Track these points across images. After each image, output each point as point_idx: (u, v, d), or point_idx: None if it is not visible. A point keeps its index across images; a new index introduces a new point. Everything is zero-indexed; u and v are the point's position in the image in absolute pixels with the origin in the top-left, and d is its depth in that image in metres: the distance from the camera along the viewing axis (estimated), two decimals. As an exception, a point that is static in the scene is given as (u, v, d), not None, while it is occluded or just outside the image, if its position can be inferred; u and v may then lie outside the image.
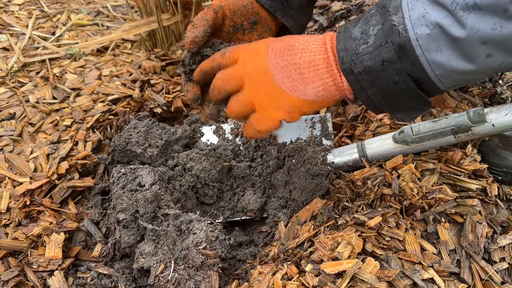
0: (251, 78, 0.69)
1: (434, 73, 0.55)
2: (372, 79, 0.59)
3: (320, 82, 0.66)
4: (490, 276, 0.72)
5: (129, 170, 0.91)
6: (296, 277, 0.71)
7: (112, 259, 0.87)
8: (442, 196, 0.79)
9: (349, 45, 0.60)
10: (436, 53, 0.53)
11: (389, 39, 0.56)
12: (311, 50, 0.65)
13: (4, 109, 1.18)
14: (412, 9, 0.54)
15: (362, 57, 0.59)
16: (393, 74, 0.57)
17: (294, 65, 0.66)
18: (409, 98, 0.59)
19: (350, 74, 0.61)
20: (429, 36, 0.53)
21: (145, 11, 1.49)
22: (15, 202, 0.90)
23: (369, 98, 0.62)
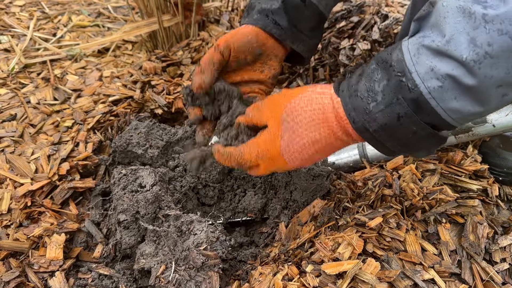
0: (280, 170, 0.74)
1: (451, 118, 0.55)
2: (389, 134, 0.59)
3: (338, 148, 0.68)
4: (491, 276, 0.72)
5: (130, 171, 0.91)
6: (297, 277, 0.71)
7: (113, 260, 0.87)
8: (443, 196, 0.79)
9: (357, 104, 0.60)
10: (451, 101, 0.53)
11: (399, 95, 0.56)
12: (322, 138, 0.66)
13: (5, 110, 1.18)
14: (417, 63, 0.54)
15: (374, 115, 0.58)
16: (410, 126, 0.57)
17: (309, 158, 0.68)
18: (427, 141, 0.59)
19: (365, 132, 0.61)
20: (442, 88, 0.52)
21: (146, 12, 1.50)
22: (16, 203, 0.90)
23: (387, 149, 0.62)
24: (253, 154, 0.71)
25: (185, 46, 1.48)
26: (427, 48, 0.53)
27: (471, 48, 0.49)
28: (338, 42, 1.38)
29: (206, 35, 1.48)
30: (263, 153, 0.70)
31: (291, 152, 0.68)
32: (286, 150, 0.68)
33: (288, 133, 0.68)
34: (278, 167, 0.71)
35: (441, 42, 0.51)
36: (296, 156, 0.68)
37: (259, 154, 0.71)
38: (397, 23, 1.38)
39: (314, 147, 0.66)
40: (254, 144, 0.72)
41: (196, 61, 1.40)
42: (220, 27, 1.54)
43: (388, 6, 1.53)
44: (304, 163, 0.69)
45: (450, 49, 0.50)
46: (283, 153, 0.68)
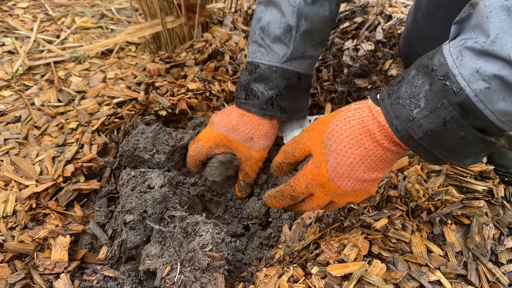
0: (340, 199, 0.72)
1: (500, 121, 0.53)
2: (436, 141, 0.57)
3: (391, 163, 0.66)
4: (498, 278, 0.72)
5: (138, 173, 0.92)
6: (302, 279, 0.71)
7: (118, 261, 0.88)
8: (448, 197, 0.79)
9: (400, 112, 0.58)
10: (500, 102, 0.51)
11: (444, 99, 0.54)
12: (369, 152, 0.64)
13: (10, 112, 1.18)
14: (461, 65, 0.52)
15: (419, 122, 0.57)
16: (458, 131, 0.55)
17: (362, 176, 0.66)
18: (475, 146, 0.57)
19: (410, 141, 0.59)
20: (489, 90, 0.51)
21: (149, 14, 1.50)
22: (21, 205, 0.91)
23: (435, 157, 0.60)
24: (302, 185, 0.71)
25: (189, 48, 1.48)
26: (470, 49, 0.52)
27: None
28: (341, 43, 1.38)
29: (210, 37, 1.48)
30: (312, 181, 0.70)
31: (340, 175, 0.66)
32: (334, 173, 0.66)
33: (333, 156, 0.66)
34: (335, 194, 0.70)
35: (486, 43, 0.50)
36: (347, 177, 0.66)
37: (308, 183, 0.70)
38: (400, 23, 1.38)
39: (364, 163, 0.64)
40: (301, 174, 0.72)
41: (200, 62, 1.40)
42: (223, 29, 1.54)
43: (391, 6, 1.53)
44: (359, 184, 0.67)
45: (496, 48, 0.49)
46: (332, 178, 0.67)
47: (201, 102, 1.26)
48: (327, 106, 1.24)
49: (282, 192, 0.75)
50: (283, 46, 0.88)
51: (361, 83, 1.23)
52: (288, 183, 0.74)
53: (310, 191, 0.71)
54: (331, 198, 0.71)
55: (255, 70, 0.91)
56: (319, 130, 0.69)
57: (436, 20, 0.97)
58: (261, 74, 0.90)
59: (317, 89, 1.29)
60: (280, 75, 0.89)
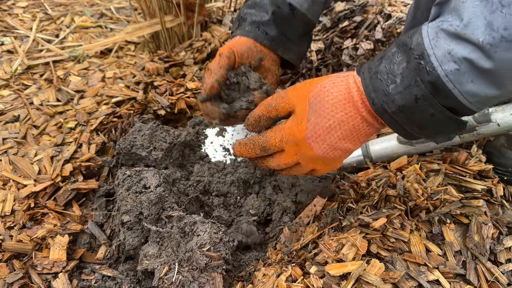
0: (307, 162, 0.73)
1: (468, 101, 0.55)
2: (407, 116, 0.60)
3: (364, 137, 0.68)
4: (496, 277, 0.72)
5: (134, 172, 0.91)
6: (300, 279, 0.71)
7: (116, 261, 0.87)
8: (447, 197, 0.79)
9: (377, 86, 0.61)
10: (468, 84, 0.53)
11: (417, 77, 0.56)
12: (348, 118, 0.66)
13: (8, 111, 1.18)
14: (435, 46, 0.54)
15: (393, 96, 0.59)
16: (428, 108, 0.57)
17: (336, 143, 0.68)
18: (447, 124, 0.60)
19: (384, 114, 0.61)
20: (458, 71, 0.53)
21: (148, 13, 1.50)
22: (20, 204, 0.91)
23: (407, 132, 0.63)
24: (277, 138, 0.71)
25: (188, 47, 1.48)
26: (445, 32, 0.54)
27: (487, 32, 0.49)
28: (341, 42, 1.37)
29: (209, 36, 1.48)
30: (288, 136, 0.70)
31: (317, 135, 0.67)
32: (311, 133, 0.67)
33: (314, 116, 0.67)
34: (304, 155, 0.70)
35: (459, 26, 0.52)
36: (322, 139, 0.67)
37: (283, 137, 0.71)
38: (400, 22, 1.38)
39: (341, 129, 0.66)
40: (279, 128, 0.72)
41: (199, 61, 1.40)
42: (222, 28, 1.54)
43: (391, 5, 1.53)
44: (331, 150, 0.68)
45: (468, 33, 0.51)
46: (308, 137, 0.68)
47: (200, 102, 1.26)
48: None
49: (254, 141, 0.75)
50: None
51: (360, 82, 1.22)
52: (263, 134, 0.74)
53: (283, 146, 0.72)
54: (299, 159, 0.72)
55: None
56: (306, 89, 0.70)
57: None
58: (254, 1, 0.89)
59: (316, 88, 1.29)
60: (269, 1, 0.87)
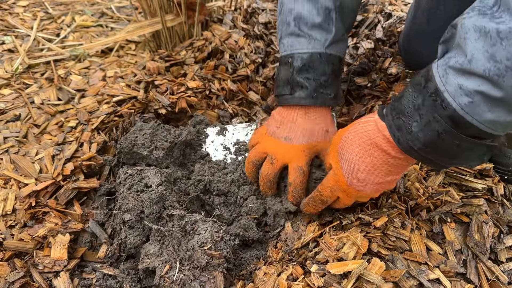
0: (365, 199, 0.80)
1: (491, 128, 0.56)
2: (434, 150, 0.62)
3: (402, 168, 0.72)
4: (497, 276, 0.72)
5: (135, 171, 0.92)
6: (301, 277, 0.71)
7: (118, 260, 0.88)
8: (448, 198, 0.79)
9: (400, 125, 0.64)
10: (486, 113, 0.54)
11: (435, 113, 0.59)
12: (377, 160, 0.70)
13: (9, 110, 1.18)
14: (446, 83, 0.56)
15: (417, 134, 0.62)
16: (452, 140, 0.59)
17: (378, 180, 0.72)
18: (475, 150, 0.61)
19: (411, 151, 0.64)
20: (473, 104, 0.54)
21: (149, 12, 1.49)
22: (21, 203, 0.91)
23: (438, 164, 0.65)
24: (327, 189, 0.78)
25: (189, 46, 1.48)
26: (453, 68, 0.56)
27: (492, 64, 0.51)
28: (341, 41, 1.37)
29: (210, 35, 1.48)
30: (334, 186, 0.77)
31: (357, 180, 0.73)
32: (351, 179, 0.74)
33: (346, 164, 0.74)
34: (356, 195, 0.76)
35: (464, 62, 0.54)
36: (363, 182, 0.73)
37: (331, 188, 0.78)
38: (400, 21, 1.38)
39: (377, 170, 0.71)
40: (326, 180, 0.79)
41: (200, 61, 1.40)
42: (223, 27, 1.54)
43: (391, 4, 1.53)
44: (378, 186, 0.73)
45: (473, 67, 0.53)
46: (350, 183, 0.74)
47: (200, 101, 1.26)
48: (327, 104, 1.24)
49: (313, 198, 0.82)
50: (322, 31, 0.86)
51: (360, 81, 1.22)
52: (316, 189, 0.81)
53: (336, 194, 0.78)
54: (355, 199, 0.78)
55: (296, 62, 0.87)
56: (335, 143, 0.77)
57: (436, 18, 0.97)
58: (305, 64, 0.86)
59: (317, 87, 1.28)
60: (325, 61, 0.86)
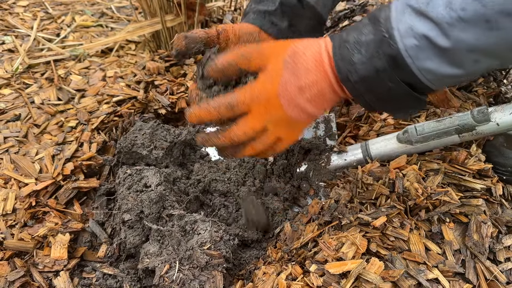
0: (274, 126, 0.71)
1: (425, 78, 0.57)
2: (368, 87, 0.62)
3: (328, 103, 0.69)
4: (495, 276, 0.72)
5: (135, 171, 0.92)
6: (300, 277, 0.71)
7: (117, 259, 0.88)
8: (447, 198, 0.79)
9: (345, 55, 0.63)
10: (425, 61, 0.55)
11: (380, 50, 0.58)
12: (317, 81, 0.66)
13: (10, 110, 1.19)
14: (400, 21, 0.56)
15: (357, 66, 0.61)
16: (387, 82, 0.59)
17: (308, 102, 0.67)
18: (404, 100, 0.62)
19: (347, 82, 0.63)
20: (417, 47, 0.55)
21: (149, 12, 1.50)
22: (21, 203, 0.91)
23: (367, 102, 0.65)
24: (247, 94, 0.69)
25: (188, 46, 1.48)
26: (411, 7, 0.56)
27: (447, 12, 0.51)
28: (341, 41, 1.37)
29: (209, 35, 1.48)
30: (259, 92, 0.68)
31: (288, 93, 0.66)
32: (283, 90, 0.67)
33: (288, 74, 0.67)
34: (272, 114, 0.69)
35: (423, 3, 0.54)
36: (291, 99, 0.67)
37: (254, 93, 0.69)
38: (400, 22, 1.38)
39: (310, 91, 0.66)
40: (249, 85, 0.70)
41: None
42: (223, 27, 1.54)
43: (391, 5, 1.52)
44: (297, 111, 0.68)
45: (429, 10, 0.53)
46: (280, 93, 0.67)
47: (200, 101, 1.26)
48: (326, 104, 1.24)
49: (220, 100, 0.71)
50: None
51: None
52: (228, 93, 0.71)
53: (250, 105, 0.69)
54: (266, 122, 0.70)
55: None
56: (283, 46, 0.69)
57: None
58: None
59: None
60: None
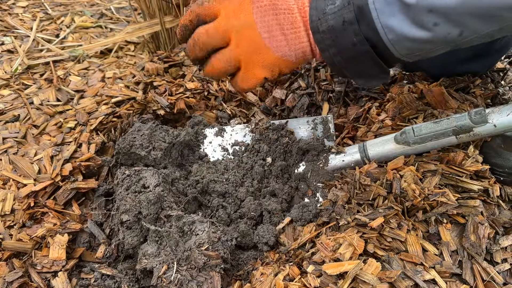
0: (239, 34, 0.69)
1: (387, 37, 0.57)
2: (333, 38, 0.62)
3: (300, 45, 0.68)
4: (492, 277, 0.72)
5: (133, 171, 0.92)
6: (298, 278, 0.72)
7: (116, 260, 0.88)
8: (444, 200, 0.79)
9: (319, 5, 0.63)
10: (389, 17, 0.56)
11: (351, 0, 0.59)
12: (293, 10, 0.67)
13: (9, 111, 1.19)
14: None
15: (327, 16, 0.61)
16: (351, 35, 0.60)
17: (278, 25, 0.67)
18: (367, 63, 0.62)
19: (316, 33, 0.63)
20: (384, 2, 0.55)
21: (148, 14, 1.50)
22: (19, 203, 0.91)
23: (331, 58, 0.65)
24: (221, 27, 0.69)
25: (187, 47, 1.48)
26: None
27: None
28: (339, 42, 1.38)
29: (208, 36, 1.49)
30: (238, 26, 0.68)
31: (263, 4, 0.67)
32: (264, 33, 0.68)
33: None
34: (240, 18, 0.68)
35: None
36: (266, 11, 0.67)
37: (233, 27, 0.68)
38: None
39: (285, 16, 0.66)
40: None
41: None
42: (222, 28, 1.55)
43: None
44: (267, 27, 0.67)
45: None
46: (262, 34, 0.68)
47: (199, 102, 1.27)
48: (324, 105, 1.25)
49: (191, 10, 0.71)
50: None
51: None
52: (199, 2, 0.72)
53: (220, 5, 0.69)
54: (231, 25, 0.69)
55: None
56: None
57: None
58: None
59: (314, 89, 1.29)
60: None
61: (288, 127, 1.04)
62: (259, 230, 0.89)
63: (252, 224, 0.94)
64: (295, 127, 1.04)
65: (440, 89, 0.99)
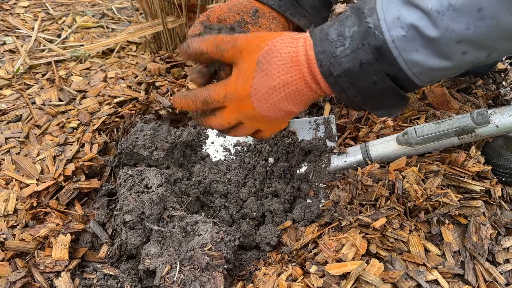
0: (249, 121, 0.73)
1: (411, 71, 0.56)
2: (351, 81, 0.60)
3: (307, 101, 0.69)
4: (495, 277, 0.73)
5: (136, 172, 0.92)
6: (300, 278, 0.72)
7: (118, 260, 0.88)
8: (446, 200, 0.80)
9: (327, 48, 0.61)
10: (412, 52, 0.54)
11: (365, 41, 0.56)
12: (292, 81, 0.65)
13: (11, 111, 1.19)
14: (387, 11, 0.55)
15: (340, 59, 0.59)
16: (371, 75, 0.58)
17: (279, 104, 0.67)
18: (388, 96, 0.60)
19: (329, 77, 0.61)
20: (405, 38, 0.53)
21: (150, 14, 1.50)
22: (22, 203, 0.91)
23: (349, 98, 0.63)
24: (221, 93, 0.70)
25: (189, 47, 1.48)
26: None
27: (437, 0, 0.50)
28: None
29: (210, 36, 1.49)
30: (232, 92, 0.69)
31: (260, 94, 0.66)
32: (255, 91, 0.66)
33: (261, 75, 0.66)
34: (247, 113, 0.70)
35: None
36: (265, 99, 0.66)
37: (227, 93, 0.69)
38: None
39: (284, 91, 0.65)
40: (224, 84, 0.70)
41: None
42: (223, 28, 1.55)
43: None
44: (271, 110, 0.68)
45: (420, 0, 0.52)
46: (252, 95, 0.67)
47: (201, 102, 1.27)
48: (326, 106, 1.25)
49: (196, 94, 0.72)
50: None
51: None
52: (206, 87, 0.72)
53: (225, 102, 0.70)
54: (242, 118, 0.71)
55: None
56: (257, 42, 0.68)
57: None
58: None
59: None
60: None
61: (290, 127, 1.04)
62: (261, 230, 0.89)
63: (255, 225, 0.94)
64: (297, 127, 1.04)
65: (442, 90, 0.99)
